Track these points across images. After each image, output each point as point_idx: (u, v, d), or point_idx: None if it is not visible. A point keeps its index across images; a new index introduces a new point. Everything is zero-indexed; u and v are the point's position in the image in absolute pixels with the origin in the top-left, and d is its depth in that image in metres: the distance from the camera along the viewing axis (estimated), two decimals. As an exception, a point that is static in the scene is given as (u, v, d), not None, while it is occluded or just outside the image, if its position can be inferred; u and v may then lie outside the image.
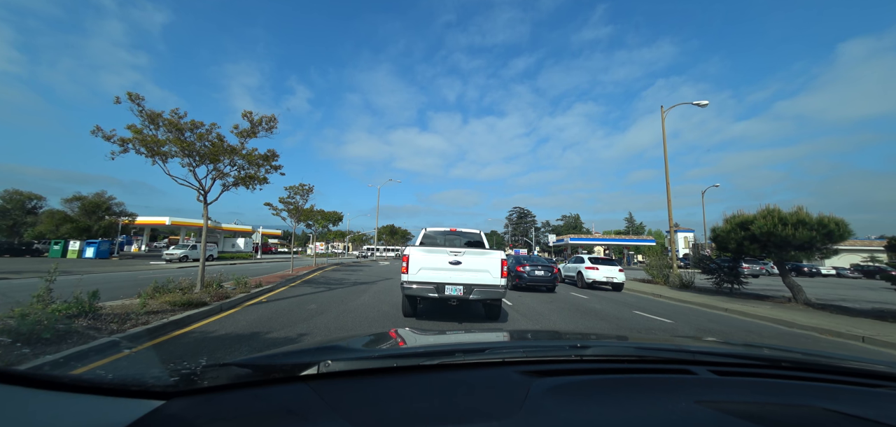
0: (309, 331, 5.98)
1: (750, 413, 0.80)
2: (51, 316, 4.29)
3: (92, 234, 34.21)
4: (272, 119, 9.06)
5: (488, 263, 6.51)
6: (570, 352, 1.16)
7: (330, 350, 1.16)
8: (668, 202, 18.19)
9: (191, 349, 4.68)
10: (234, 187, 9.26)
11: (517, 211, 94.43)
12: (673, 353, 1.31)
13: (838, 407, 0.86)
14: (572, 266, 18.67)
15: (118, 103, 7.51)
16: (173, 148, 7.88)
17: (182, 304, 6.55)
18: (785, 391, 0.98)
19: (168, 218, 40.77)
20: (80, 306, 5.14)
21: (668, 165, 18.38)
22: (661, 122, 18.51)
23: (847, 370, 1.16)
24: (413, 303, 7.05)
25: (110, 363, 4.01)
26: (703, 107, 17.61)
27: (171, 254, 28.83)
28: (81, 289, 5.43)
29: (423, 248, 6.68)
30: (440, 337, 1.86)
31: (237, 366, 0.95)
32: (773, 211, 11.71)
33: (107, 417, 0.73)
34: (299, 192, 18.26)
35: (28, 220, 37.64)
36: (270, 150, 9.59)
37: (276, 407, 0.80)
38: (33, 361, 3.51)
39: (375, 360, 1.08)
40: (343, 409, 0.78)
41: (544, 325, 7.50)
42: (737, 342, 1.73)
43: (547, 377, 0.96)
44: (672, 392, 0.93)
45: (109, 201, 37.08)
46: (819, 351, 2.37)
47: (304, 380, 0.90)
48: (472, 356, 1.11)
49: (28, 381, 0.77)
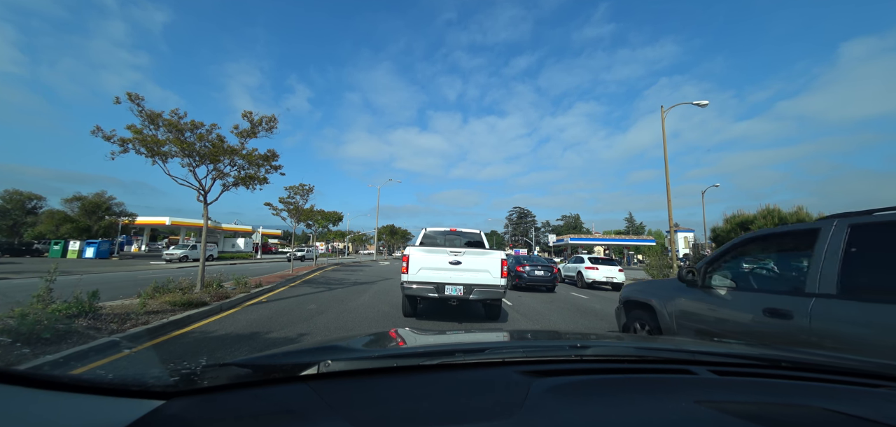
0: (309, 331, 5.98)
1: (750, 413, 0.80)
2: (51, 316, 4.29)
3: (92, 234, 34.24)
4: (272, 119, 9.07)
5: (488, 263, 6.51)
6: (570, 352, 1.16)
7: (330, 350, 1.16)
8: (668, 202, 18.20)
9: (191, 349, 4.68)
10: (234, 187, 9.27)
11: (517, 211, 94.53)
12: (673, 353, 1.31)
13: (838, 407, 0.86)
14: (572, 266, 18.68)
15: (118, 103, 7.52)
16: (173, 148, 7.88)
17: (182, 304, 6.55)
18: (785, 391, 0.98)
19: (168, 218, 40.78)
20: (79, 306, 5.14)
21: (668, 165, 18.39)
22: (661, 123, 18.52)
23: (847, 370, 1.16)
24: (413, 303, 7.05)
25: (110, 363, 4.01)
26: (704, 107, 17.61)
27: (171, 254, 28.85)
28: (81, 289, 5.43)
29: (423, 248, 6.69)
30: (440, 337, 1.86)
31: (237, 366, 0.95)
32: (773, 211, 11.76)
33: (107, 417, 0.73)
34: (299, 192, 18.28)
35: (28, 220, 37.64)
36: (270, 150, 9.60)
37: (276, 407, 0.80)
38: (33, 361, 3.51)
39: (375, 360, 1.08)
40: (343, 409, 0.78)
41: (544, 325, 7.50)
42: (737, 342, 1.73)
43: (547, 377, 0.96)
44: (672, 392, 0.93)
45: (109, 201, 37.11)
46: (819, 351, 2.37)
47: (304, 380, 0.90)
48: (472, 356, 1.11)
49: (28, 381, 0.77)
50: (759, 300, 2.97)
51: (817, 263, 2.66)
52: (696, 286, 3.69)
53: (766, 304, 2.88)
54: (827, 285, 2.53)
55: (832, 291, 2.50)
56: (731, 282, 3.50)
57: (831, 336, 2.43)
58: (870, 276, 2.46)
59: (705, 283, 3.61)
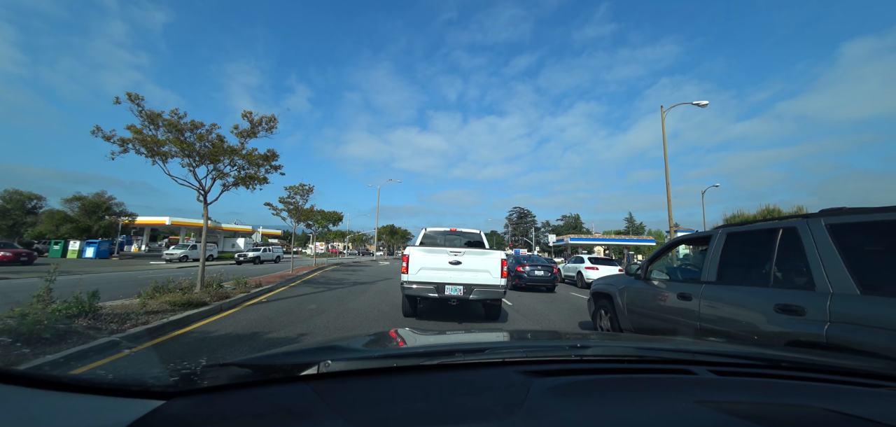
0: (309, 331, 5.98)
1: (750, 413, 0.80)
2: (51, 316, 4.29)
3: (92, 234, 34.24)
4: (272, 119, 9.07)
5: (488, 263, 6.51)
6: (570, 352, 1.16)
7: (330, 350, 1.16)
8: (668, 202, 18.19)
9: (191, 349, 4.68)
10: (234, 187, 9.26)
11: (517, 211, 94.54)
12: (673, 353, 1.31)
13: (838, 407, 0.86)
14: (572, 266, 18.67)
15: (118, 103, 7.51)
16: (173, 148, 7.88)
17: (182, 304, 6.55)
18: (785, 391, 0.98)
19: (168, 218, 40.77)
20: (79, 306, 5.14)
21: (668, 165, 18.38)
22: (661, 123, 18.52)
23: (847, 370, 1.16)
24: (413, 303, 7.05)
25: (110, 363, 4.01)
26: (704, 107, 17.62)
27: (171, 254, 28.86)
28: (81, 289, 5.43)
29: (424, 248, 6.68)
30: (440, 337, 1.86)
31: (237, 366, 0.95)
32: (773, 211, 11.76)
33: (107, 417, 0.73)
34: (299, 192, 18.26)
35: (28, 220, 37.64)
36: (270, 150, 9.59)
37: (276, 407, 0.80)
38: (33, 361, 3.51)
39: (375, 360, 1.08)
40: (343, 409, 0.78)
41: (544, 325, 7.50)
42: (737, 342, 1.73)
43: (547, 377, 0.96)
44: (672, 392, 0.93)
45: (109, 201, 37.13)
46: (819, 351, 2.37)
47: (305, 380, 0.90)
48: (472, 356, 1.11)
49: (28, 381, 0.77)
50: (677, 287, 3.93)
51: (707, 260, 3.64)
52: (640, 279, 4.64)
53: (680, 290, 3.85)
54: (710, 275, 3.53)
55: (713, 279, 3.48)
56: (665, 274, 4.45)
57: (712, 311, 3.34)
58: (734, 269, 3.43)
59: (647, 276, 4.57)
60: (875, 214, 2.58)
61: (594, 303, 5.74)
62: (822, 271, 2.60)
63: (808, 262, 2.72)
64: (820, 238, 2.70)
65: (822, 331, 2.46)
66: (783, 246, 3.00)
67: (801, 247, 2.81)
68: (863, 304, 2.35)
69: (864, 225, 2.62)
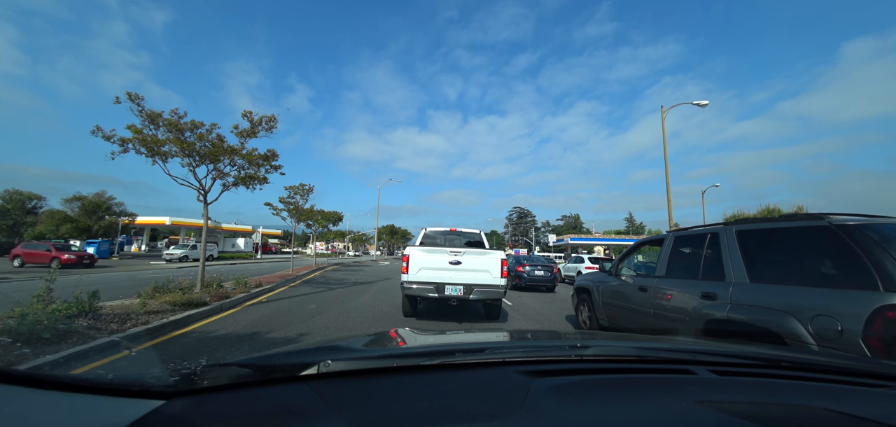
0: (309, 331, 5.98)
1: (750, 413, 0.80)
2: (51, 316, 4.29)
3: (92, 234, 34.20)
4: (272, 119, 9.07)
5: (488, 263, 6.51)
6: (570, 352, 1.16)
7: (330, 350, 1.16)
8: (668, 202, 18.18)
9: (191, 349, 4.68)
10: (234, 187, 9.26)
11: (517, 211, 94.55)
12: (673, 353, 1.31)
13: (838, 407, 0.86)
14: (572, 266, 18.68)
15: (118, 103, 7.51)
16: (173, 148, 7.88)
17: (182, 304, 6.55)
18: (785, 391, 0.98)
19: (168, 218, 40.78)
20: (79, 306, 5.14)
21: (668, 165, 18.38)
22: (662, 122, 18.51)
23: (847, 370, 1.16)
24: (413, 303, 7.05)
25: (110, 363, 4.01)
26: (704, 107, 17.60)
27: (171, 254, 28.86)
28: (81, 289, 5.43)
29: (424, 248, 6.68)
30: (440, 337, 1.86)
31: (237, 366, 0.95)
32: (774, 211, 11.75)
33: (107, 417, 0.73)
34: (299, 192, 18.26)
35: (28, 220, 37.56)
36: (270, 149, 9.59)
37: (276, 407, 0.80)
38: (33, 361, 3.51)
39: (375, 359, 1.08)
40: (343, 408, 0.78)
41: (544, 325, 7.50)
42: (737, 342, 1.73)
43: (547, 377, 0.96)
44: (672, 392, 0.93)
45: (109, 201, 37.05)
46: (819, 351, 2.38)
47: (304, 380, 0.90)
48: (473, 356, 1.11)
49: (28, 381, 0.77)
50: (639, 281, 4.59)
51: (660, 258, 4.35)
52: (612, 275, 5.33)
53: (641, 283, 4.51)
54: (662, 270, 4.24)
55: (664, 274, 4.18)
56: (632, 271, 5.09)
57: (661, 300, 4.02)
58: (678, 265, 4.11)
59: (617, 272, 5.24)
60: (767, 223, 3.32)
61: (577, 297, 6.55)
62: (730, 266, 3.31)
63: (722, 259, 3.42)
64: (730, 241, 3.42)
65: (725, 312, 3.10)
66: (710, 246, 3.65)
67: (720, 247, 3.51)
68: (750, 290, 3.04)
69: (759, 231, 3.28)
